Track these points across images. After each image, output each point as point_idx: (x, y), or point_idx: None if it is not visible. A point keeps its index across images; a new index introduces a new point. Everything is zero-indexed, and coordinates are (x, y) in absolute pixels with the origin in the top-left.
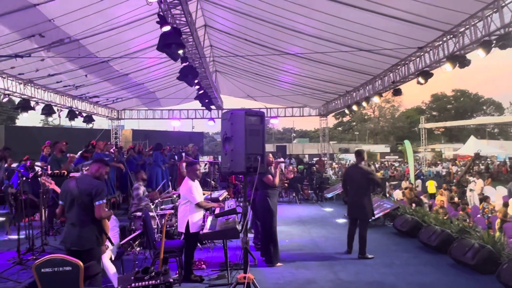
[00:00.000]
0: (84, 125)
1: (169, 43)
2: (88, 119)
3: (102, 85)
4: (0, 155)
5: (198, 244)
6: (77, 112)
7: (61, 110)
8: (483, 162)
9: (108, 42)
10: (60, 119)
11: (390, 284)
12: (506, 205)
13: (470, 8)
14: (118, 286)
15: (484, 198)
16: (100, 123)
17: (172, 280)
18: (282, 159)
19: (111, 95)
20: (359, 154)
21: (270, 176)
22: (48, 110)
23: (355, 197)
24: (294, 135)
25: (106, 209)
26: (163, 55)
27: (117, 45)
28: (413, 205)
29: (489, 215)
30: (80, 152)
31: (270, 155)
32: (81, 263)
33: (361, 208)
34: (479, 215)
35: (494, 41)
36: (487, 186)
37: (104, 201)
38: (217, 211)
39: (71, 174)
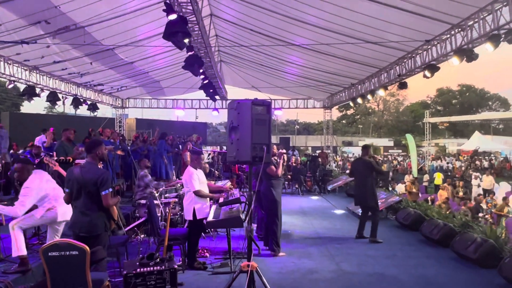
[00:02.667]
0: (88, 113)
1: (175, 32)
2: (93, 107)
3: (107, 73)
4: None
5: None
6: (81, 100)
7: (66, 98)
8: (486, 158)
9: (113, 29)
10: (64, 107)
11: (392, 276)
12: (505, 199)
13: (479, 1)
14: (124, 271)
15: (485, 193)
16: (104, 111)
17: (176, 266)
18: (284, 150)
19: (115, 84)
20: (364, 148)
21: (273, 167)
22: (53, 97)
23: (361, 187)
24: (298, 127)
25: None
26: (168, 43)
27: (122, 33)
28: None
29: (492, 210)
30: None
31: (274, 146)
32: (87, 248)
33: (369, 196)
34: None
35: (503, 35)
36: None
37: (110, 189)
38: (220, 200)
39: (77, 161)
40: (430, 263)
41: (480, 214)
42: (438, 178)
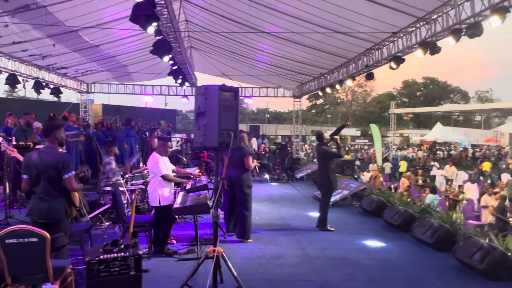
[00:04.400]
0: (51, 98)
1: (142, 15)
2: (56, 91)
3: (70, 56)
4: None
5: None
6: (44, 84)
7: (27, 81)
8: (447, 148)
9: (77, 10)
10: (25, 91)
11: (354, 259)
12: (460, 187)
13: None
14: (86, 258)
15: (446, 181)
16: (69, 96)
17: (141, 252)
18: (254, 141)
19: (80, 67)
20: (317, 136)
21: (250, 160)
22: (12, 80)
23: (319, 173)
24: (268, 116)
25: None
26: (136, 27)
27: (87, 14)
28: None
29: (450, 197)
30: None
31: (245, 134)
32: (47, 235)
33: (322, 183)
34: (440, 197)
35: (464, 30)
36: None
37: (73, 172)
38: (188, 186)
39: (37, 146)
40: (390, 247)
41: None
42: (403, 166)
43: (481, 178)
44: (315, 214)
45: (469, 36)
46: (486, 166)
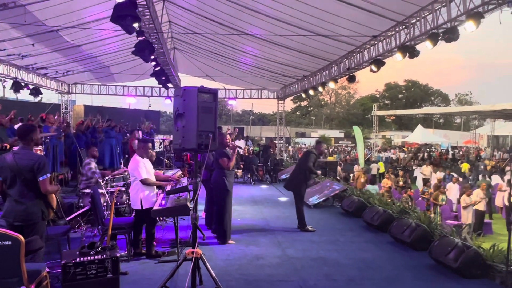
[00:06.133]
0: (31, 98)
1: (124, 15)
2: (36, 91)
3: (51, 56)
4: None
5: None
6: (23, 84)
7: (5, 81)
8: (427, 150)
9: (57, 9)
10: (4, 91)
11: (333, 259)
12: (439, 188)
13: (421, 0)
14: (62, 261)
15: (424, 182)
16: (49, 97)
17: (119, 255)
18: (238, 142)
19: (61, 68)
20: (317, 143)
21: (225, 159)
22: None
23: (294, 173)
24: (253, 117)
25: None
26: (118, 27)
27: (68, 14)
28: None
29: (431, 200)
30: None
31: (228, 136)
32: (22, 237)
33: (293, 183)
34: (419, 198)
35: (441, 34)
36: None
37: (49, 175)
38: (168, 188)
39: (14, 148)
40: (369, 247)
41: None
42: (382, 166)
43: (460, 179)
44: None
45: (446, 40)
46: (465, 167)
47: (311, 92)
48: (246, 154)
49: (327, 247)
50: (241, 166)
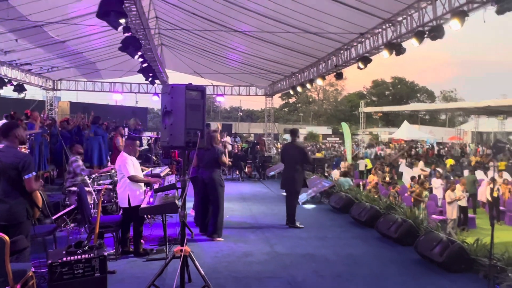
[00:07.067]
0: (15, 95)
1: (110, 11)
2: (19, 88)
3: (35, 52)
4: None
5: None
6: (6, 80)
7: None
8: (413, 146)
9: (41, 4)
10: None
11: (321, 256)
12: (422, 184)
13: None
14: (49, 260)
15: (411, 178)
16: (34, 93)
17: (106, 254)
18: (227, 139)
19: (45, 63)
20: (293, 132)
21: (224, 158)
22: None
23: (290, 171)
24: (241, 114)
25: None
26: (104, 23)
27: (52, 9)
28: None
29: (413, 196)
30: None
31: (218, 134)
32: (6, 237)
33: (292, 181)
34: (406, 194)
35: (427, 32)
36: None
37: (34, 173)
38: (156, 186)
39: None
40: (356, 243)
41: None
42: (368, 162)
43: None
44: (285, 212)
45: (431, 38)
46: (450, 163)
47: (299, 89)
48: (236, 151)
49: (315, 243)
50: (230, 163)
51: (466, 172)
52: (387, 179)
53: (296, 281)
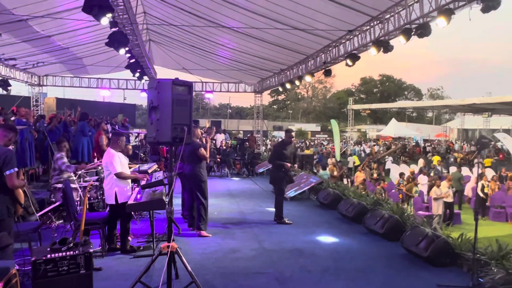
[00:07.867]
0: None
1: (96, 5)
2: (4, 83)
3: (20, 47)
4: None
5: None
6: None
7: None
8: (401, 143)
9: None
10: None
11: (309, 251)
12: (413, 180)
13: None
14: (32, 258)
15: (400, 175)
16: (19, 89)
17: (92, 250)
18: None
19: (31, 59)
20: (288, 132)
21: (203, 151)
22: None
23: (273, 168)
24: (230, 111)
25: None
26: (91, 17)
27: (37, 3)
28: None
29: (402, 189)
30: None
31: (199, 129)
32: None
33: (275, 178)
34: (393, 190)
35: (414, 29)
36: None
37: (16, 169)
38: (143, 182)
39: None
40: (344, 238)
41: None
42: (356, 159)
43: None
44: (274, 208)
45: (418, 35)
46: (436, 159)
47: (288, 85)
48: (225, 147)
49: (302, 239)
50: (218, 159)
51: (452, 169)
52: (375, 175)
53: (283, 276)
